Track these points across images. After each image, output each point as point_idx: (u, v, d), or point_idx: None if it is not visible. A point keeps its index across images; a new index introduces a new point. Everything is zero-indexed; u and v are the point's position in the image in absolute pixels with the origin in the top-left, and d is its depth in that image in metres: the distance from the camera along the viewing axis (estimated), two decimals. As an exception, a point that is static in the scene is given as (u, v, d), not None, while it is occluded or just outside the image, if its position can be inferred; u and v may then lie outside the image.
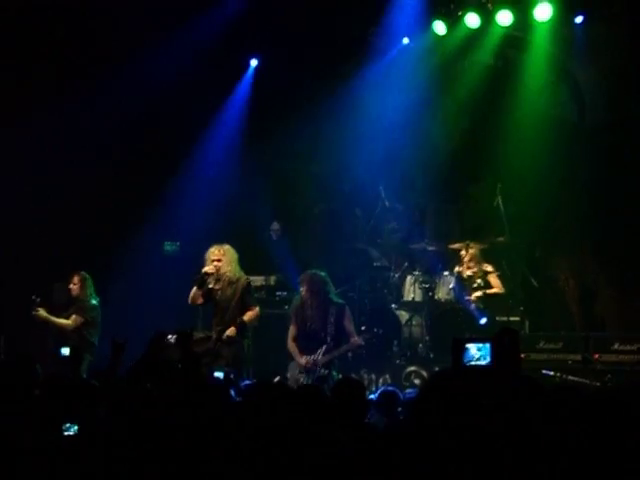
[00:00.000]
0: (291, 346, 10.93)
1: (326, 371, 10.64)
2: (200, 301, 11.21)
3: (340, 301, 11.09)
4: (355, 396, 6.16)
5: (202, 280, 11.09)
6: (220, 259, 11.16)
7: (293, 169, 15.26)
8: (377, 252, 14.93)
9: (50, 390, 5.87)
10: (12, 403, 5.72)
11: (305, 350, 10.81)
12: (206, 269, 11.07)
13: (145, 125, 14.44)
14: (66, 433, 5.45)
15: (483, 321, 12.71)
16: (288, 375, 10.80)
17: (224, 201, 14.99)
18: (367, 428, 5.88)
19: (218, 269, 11.10)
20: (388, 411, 7.32)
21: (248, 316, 11.03)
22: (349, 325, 10.92)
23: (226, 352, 10.83)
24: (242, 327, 10.93)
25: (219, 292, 11.12)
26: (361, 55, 14.53)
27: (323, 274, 11.08)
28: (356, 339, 10.84)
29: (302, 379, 10.63)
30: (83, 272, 12.70)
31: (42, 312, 12.35)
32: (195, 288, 11.14)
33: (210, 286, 11.16)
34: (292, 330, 11.02)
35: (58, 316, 12.63)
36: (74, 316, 12.45)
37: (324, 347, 10.66)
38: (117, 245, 14.28)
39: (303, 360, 10.71)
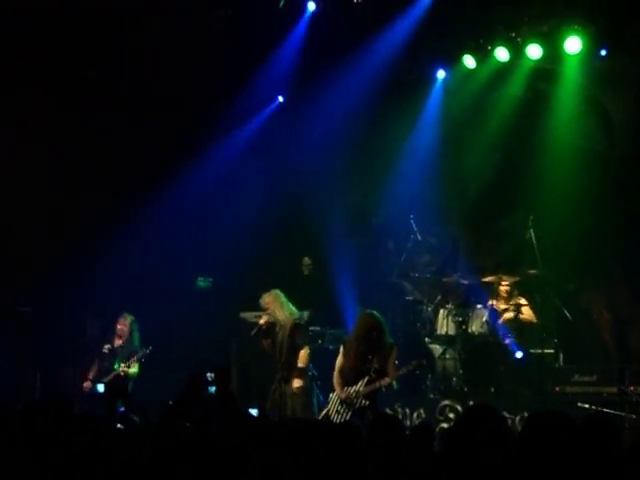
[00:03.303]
0: (336, 378, 10.95)
1: (367, 402, 10.62)
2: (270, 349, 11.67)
3: (390, 341, 11.11)
4: (391, 433, 6.14)
5: (259, 332, 11.52)
6: (268, 307, 11.47)
7: (324, 203, 15.28)
8: (410, 285, 14.91)
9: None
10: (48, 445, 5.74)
11: (349, 382, 10.81)
12: (261, 321, 11.40)
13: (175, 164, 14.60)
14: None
15: (519, 355, 12.65)
16: (329, 407, 10.80)
17: (256, 237, 15.04)
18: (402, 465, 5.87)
19: (270, 317, 11.42)
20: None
21: (301, 361, 11.44)
22: (391, 365, 10.91)
23: (292, 403, 11.31)
24: (303, 373, 11.38)
25: (278, 337, 11.51)
26: (392, 90, 14.57)
27: (377, 315, 11.11)
28: (386, 379, 10.82)
29: (342, 410, 10.64)
30: (130, 315, 12.83)
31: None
32: (263, 341, 11.61)
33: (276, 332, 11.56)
34: (339, 361, 11.04)
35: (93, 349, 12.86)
36: (135, 363, 12.52)
37: (366, 379, 10.64)
38: (150, 283, 14.34)
39: (343, 394, 10.71)
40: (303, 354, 11.47)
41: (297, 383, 11.34)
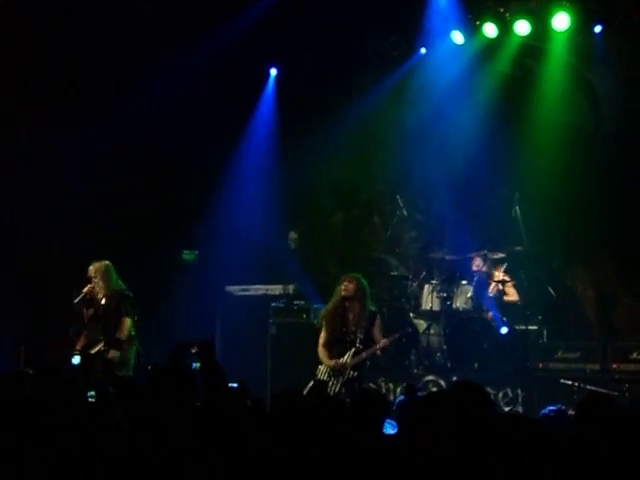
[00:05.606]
0: (321, 351, 10.87)
1: (355, 373, 10.59)
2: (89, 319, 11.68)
3: (373, 308, 11.05)
4: (374, 407, 6.17)
5: (82, 300, 11.54)
6: (95, 277, 11.55)
7: (310, 178, 15.28)
8: (395, 261, 14.95)
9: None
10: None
11: (335, 355, 10.74)
12: (84, 290, 11.42)
13: (166, 136, 14.46)
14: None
15: (504, 331, 12.69)
16: (316, 380, 10.74)
17: (242, 210, 15.02)
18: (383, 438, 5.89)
19: (94, 287, 11.44)
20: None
21: (120, 332, 11.42)
22: (378, 333, 10.85)
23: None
24: (119, 345, 11.32)
25: (102, 308, 11.53)
26: (379, 65, 14.57)
27: (364, 280, 11.06)
28: (383, 340, 10.76)
29: (331, 383, 10.58)
30: None
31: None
32: (84, 310, 11.60)
33: (101, 303, 11.56)
34: (323, 336, 10.96)
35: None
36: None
37: (353, 350, 10.60)
38: (135, 255, 14.31)
39: (332, 362, 10.64)
40: (124, 325, 11.43)
41: (112, 354, 11.26)
